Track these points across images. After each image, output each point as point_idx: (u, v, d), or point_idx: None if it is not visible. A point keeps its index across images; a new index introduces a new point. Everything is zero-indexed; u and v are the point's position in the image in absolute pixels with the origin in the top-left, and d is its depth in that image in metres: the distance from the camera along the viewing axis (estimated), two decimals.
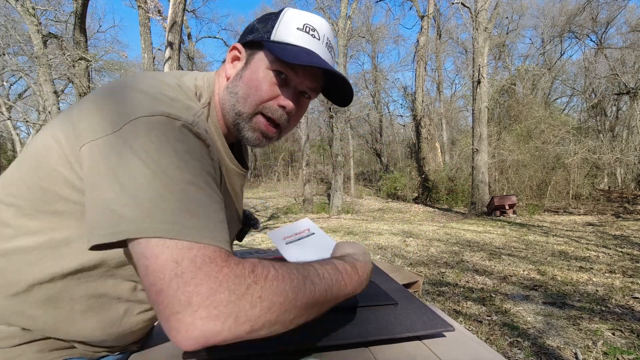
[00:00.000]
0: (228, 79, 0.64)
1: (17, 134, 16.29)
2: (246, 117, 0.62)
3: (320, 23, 0.64)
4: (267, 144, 0.67)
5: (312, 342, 0.65)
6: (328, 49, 0.64)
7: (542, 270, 4.17)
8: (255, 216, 0.85)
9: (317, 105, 19.75)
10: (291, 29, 0.61)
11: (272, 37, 0.61)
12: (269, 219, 10.18)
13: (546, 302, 3.14)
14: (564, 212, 10.02)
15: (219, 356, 0.61)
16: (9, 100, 15.93)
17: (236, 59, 0.65)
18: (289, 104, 0.62)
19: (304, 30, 0.61)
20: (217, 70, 0.68)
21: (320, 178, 22.48)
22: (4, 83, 16.77)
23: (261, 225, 0.85)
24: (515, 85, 15.84)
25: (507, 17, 19.77)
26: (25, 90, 18.37)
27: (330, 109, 12.70)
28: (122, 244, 0.45)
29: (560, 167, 11.80)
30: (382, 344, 0.68)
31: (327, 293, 0.52)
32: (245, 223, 0.82)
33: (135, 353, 0.70)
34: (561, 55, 20.08)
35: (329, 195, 13.70)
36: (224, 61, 0.67)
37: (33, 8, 9.49)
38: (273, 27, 0.61)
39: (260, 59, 0.62)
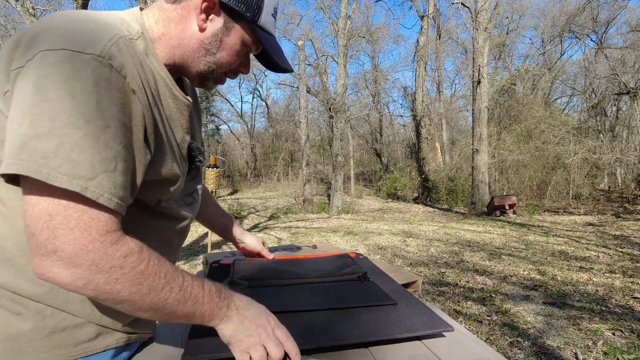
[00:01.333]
0: (202, 30, 0.64)
1: None
2: (216, 75, 0.70)
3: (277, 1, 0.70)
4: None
5: (312, 342, 0.65)
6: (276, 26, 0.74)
7: (542, 270, 4.17)
8: (200, 148, 0.78)
9: (318, 105, 19.75)
10: (269, 14, 0.67)
11: (259, 22, 0.66)
12: (269, 219, 10.18)
13: (546, 302, 3.14)
14: (564, 212, 10.01)
15: (219, 357, 0.61)
16: None
17: (209, 10, 0.63)
18: (247, 70, 0.73)
19: (274, 16, 0.69)
20: (154, 5, 0.66)
21: (320, 178, 22.48)
22: None
23: (207, 160, 0.74)
24: (515, 85, 15.84)
25: (507, 17, 19.78)
26: None
27: (330, 108, 12.70)
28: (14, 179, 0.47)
29: (561, 167, 11.80)
30: (381, 344, 0.68)
31: (178, 304, 0.54)
32: (190, 159, 0.75)
33: (139, 352, 0.70)
34: (561, 55, 20.10)
35: (329, 196, 13.70)
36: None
37: (33, 8, 9.49)
38: (260, 9, 0.65)
39: (239, 32, 0.66)
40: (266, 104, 29.19)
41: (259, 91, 30.76)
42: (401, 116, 27.04)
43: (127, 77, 0.52)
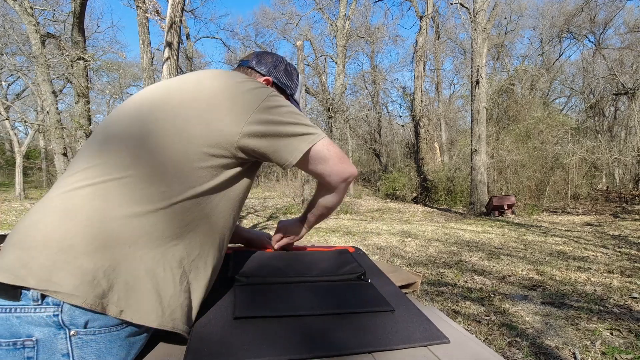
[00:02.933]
0: None
1: (15, 134, 16.23)
2: None
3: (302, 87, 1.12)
4: None
5: (312, 351, 0.65)
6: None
7: (540, 270, 4.18)
8: None
9: (317, 105, 19.73)
10: (299, 91, 1.06)
11: (295, 96, 1.06)
12: (268, 219, 10.17)
13: (545, 302, 3.14)
14: (563, 212, 10.03)
15: None
16: (7, 100, 15.89)
17: (268, 83, 1.00)
18: None
19: (300, 91, 1.09)
20: None
21: None
22: (2, 83, 16.72)
23: None
24: (513, 85, 15.86)
25: (505, 18, 19.81)
26: (24, 90, 18.33)
27: (329, 109, 12.69)
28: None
29: (559, 167, 11.82)
30: (384, 350, 0.68)
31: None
32: None
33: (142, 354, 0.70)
34: (560, 56, 20.13)
35: None
36: (239, 67, 1.03)
37: (31, 8, 9.46)
38: (297, 86, 1.05)
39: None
40: None
41: None
42: (400, 116, 27.05)
43: None
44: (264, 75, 0.99)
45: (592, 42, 18.05)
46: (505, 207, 9.48)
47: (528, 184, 12.08)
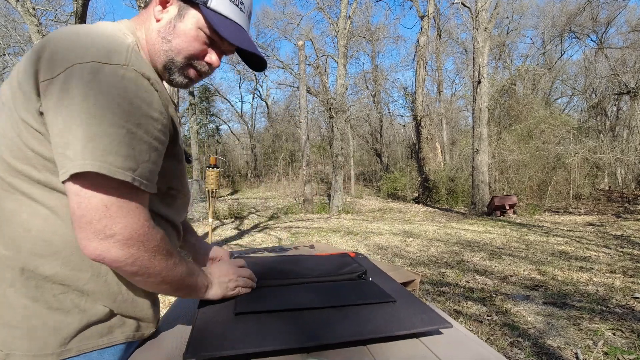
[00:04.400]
0: (158, 20, 0.69)
1: None
2: (179, 66, 0.70)
3: None
4: (190, 86, 0.77)
5: (311, 340, 0.65)
6: (248, 17, 0.75)
7: (542, 270, 4.17)
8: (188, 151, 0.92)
9: (318, 105, 19.73)
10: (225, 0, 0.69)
11: (209, 4, 0.67)
12: (269, 219, 10.17)
13: (547, 302, 3.14)
14: (565, 212, 10.01)
15: (220, 354, 0.61)
16: None
17: (165, 4, 0.69)
18: (215, 61, 0.72)
19: (234, 3, 0.70)
20: (138, 15, 0.73)
21: (321, 178, 22.47)
22: None
23: (192, 159, 0.89)
24: (515, 85, 15.82)
25: (507, 17, 19.76)
26: None
27: (330, 108, 12.69)
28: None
29: (561, 167, 11.78)
30: (380, 342, 0.68)
31: (187, 276, 0.69)
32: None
33: (141, 347, 0.70)
34: (561, 55, 20.07)
35: (329, 196, 13.70)
36: (145, 6, 0.76)
37: (33, 8, 9.48)
38: None
39: (194, 17, 0.68)
40: (266, 104, 29.19)
41: (259, 91, 30.73)
42: (401, 116, 27.05)
43: (150, 79, 0.60)
44: None
45: (594, 42, 18.00)
46: (507, 207, 9.46)
47: (530, 184, 12.05)
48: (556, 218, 8.96)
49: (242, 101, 72.17)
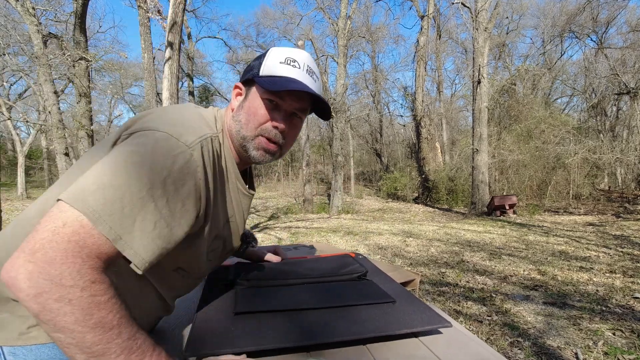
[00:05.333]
0: (233, 110, 0.77)
1: (17, 134, 16.28)
2: (249, 139, 0.74)
3: (299, 54, 0.76)
4: (270, 159, 0.78)
5: (310, 339, 0.65)
6: (309, 74, 0.76)
7: (542, 270, 4.16)
8: (254, 235, 0.96)
9: None
10: (275, 63, 0.74)
11: (261, 73, 0.74)
12: (269, 219, 10.17)
13: (546, 302, 3.14)
14: (565, 212, 10.00)
15: (219, 353, 0.61)
16: (9, 100, 15.92)
17: (239, 94, 0.79)
18: (280, 124, 0.74)
19: (286, 62, 0.74)
20: (226, 108, 0.82)
21: (321, 178, 22.47)
22: (4, 83, 16.74)
23: (258, 243, 0.95)
24: (515, 85, 15.82)
25: (507, 17, 19.75)
26: (26, 90, 18.36)
27: (331, 109, 12.70)
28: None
29: (561, 167, 11.78)
30: (380, 341, 0.68)
31: (121, 353, 0.49)
32: (243, 240, 0.89)
33: None
34: (561, 55, 20.06)
35: (329, 195, 13.70)
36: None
37: (33, 8, 9.47)
38: (261, 64, 0.75)
39: (255, 92, 0.74)
40: None
41: None
42: (401, 116, 27.02)
43: (198, 167, 0.61)
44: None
45: (594, 42, 17.99)
46: (507, 207, 9.46)
47: (530, 184, 12.05)
48: (556, 218, 8.96)
49: None
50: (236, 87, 0.80)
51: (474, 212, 10.54)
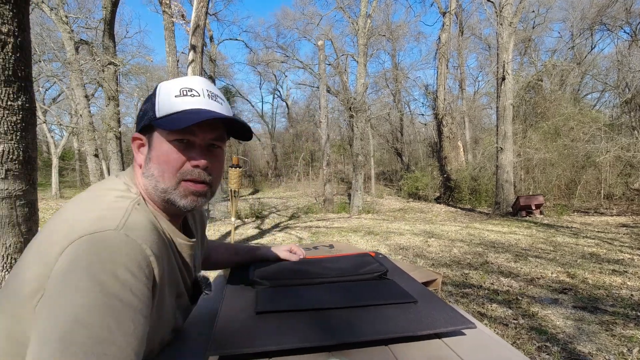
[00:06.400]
0: (141, 166, 0.68)
1: (52, 137, 17.11)
2: (171, 189, 0.66)
3: (193, 81, 0.68)
4: (204, 201, 0.70)
5: (332, 339, 0.66)
6: (212, 99, 0.68)
7: (571, 273, 4.01)
8: (209, 280, 0.85)
9: (338, 105, 19.70)
10: (170, 99, 0.66)
11: (158, 115, 0.65)
12: (290, 218, 10.24)
13: (576, 306, 3.02)
14: (595, 212, 9.58)
15: (241, 352, 0.63)
16: (44, 104, 16.76)
17: (141, 146, 0.69)
18: (200, 161, 0.66)
19: (182, 94, 0.66)
20: (132, 168, 0.72)
21: (341, 178, 22.44)
22: (40, 88, 17.64)
23: (212, 290, 0.84)
24: (542, 81, 15.26)
25: (533, 11, 19.06)
26: (59, 95, 19.25)
27: (350, 108, 12.65)
28: None
29: (591, 165, 11.28)
30: (402, 341, 0.67)
31: None
32: (196, 288, 0.81)
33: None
34: (592, 49, 19.18)
35: (349, 195, 13.65)
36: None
37: (66, 16, 9.93)
38: (154, 105, 0.66)
39: (159, 137, 0.66)
40: (287, 104, 29.43)
41: (279, 91, 31.04)
42: (422, 115, 26.55)
43: (141, 245, 0.55)
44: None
45: (628, 34, 17.11)
46: (533, 207, 9.15)
47: (557, 183, 11.60)
48: (586, 219, 8.59)
49: (262, 102, 73.16)
50: (134, 139, 0.70)
51: (498, 212, 10.25)
